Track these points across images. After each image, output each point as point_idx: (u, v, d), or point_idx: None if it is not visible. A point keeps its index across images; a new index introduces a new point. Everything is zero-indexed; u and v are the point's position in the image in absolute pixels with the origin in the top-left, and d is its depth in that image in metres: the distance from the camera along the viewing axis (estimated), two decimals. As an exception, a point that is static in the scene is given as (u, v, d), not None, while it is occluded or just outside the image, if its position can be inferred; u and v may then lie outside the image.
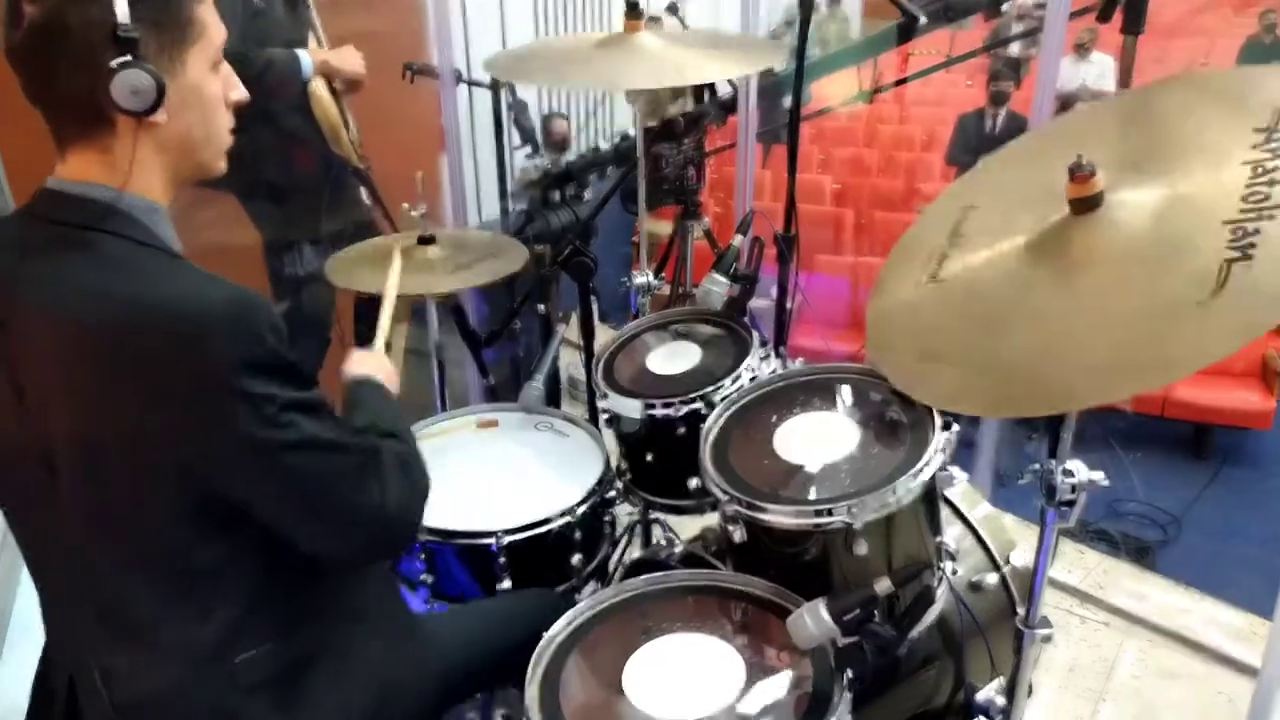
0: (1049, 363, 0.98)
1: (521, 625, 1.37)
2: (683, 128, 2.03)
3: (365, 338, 3.15)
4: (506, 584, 1.57)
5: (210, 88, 1.06)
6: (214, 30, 1.06)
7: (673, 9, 3.21)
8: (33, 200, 1.04)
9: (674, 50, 1.71)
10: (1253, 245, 0.90)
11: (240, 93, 1.11)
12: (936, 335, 1.12)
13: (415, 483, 1.15)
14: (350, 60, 2.56)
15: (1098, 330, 0.96)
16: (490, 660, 1.40)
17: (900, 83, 7.05)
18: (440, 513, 1.58)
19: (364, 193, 2.77)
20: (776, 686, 1.15)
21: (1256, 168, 0.97)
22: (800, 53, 1.99)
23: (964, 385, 1.05)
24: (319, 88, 2.49)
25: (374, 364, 1.36)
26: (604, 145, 4.21)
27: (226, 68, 1.09)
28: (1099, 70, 6.56)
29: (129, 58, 0.95)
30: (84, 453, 1.00)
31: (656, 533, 2.03)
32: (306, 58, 2.46)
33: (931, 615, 1.34)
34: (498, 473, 1.74)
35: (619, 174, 2.74)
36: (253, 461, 0.99)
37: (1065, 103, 5.51)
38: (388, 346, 1.53)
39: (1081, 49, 6.55)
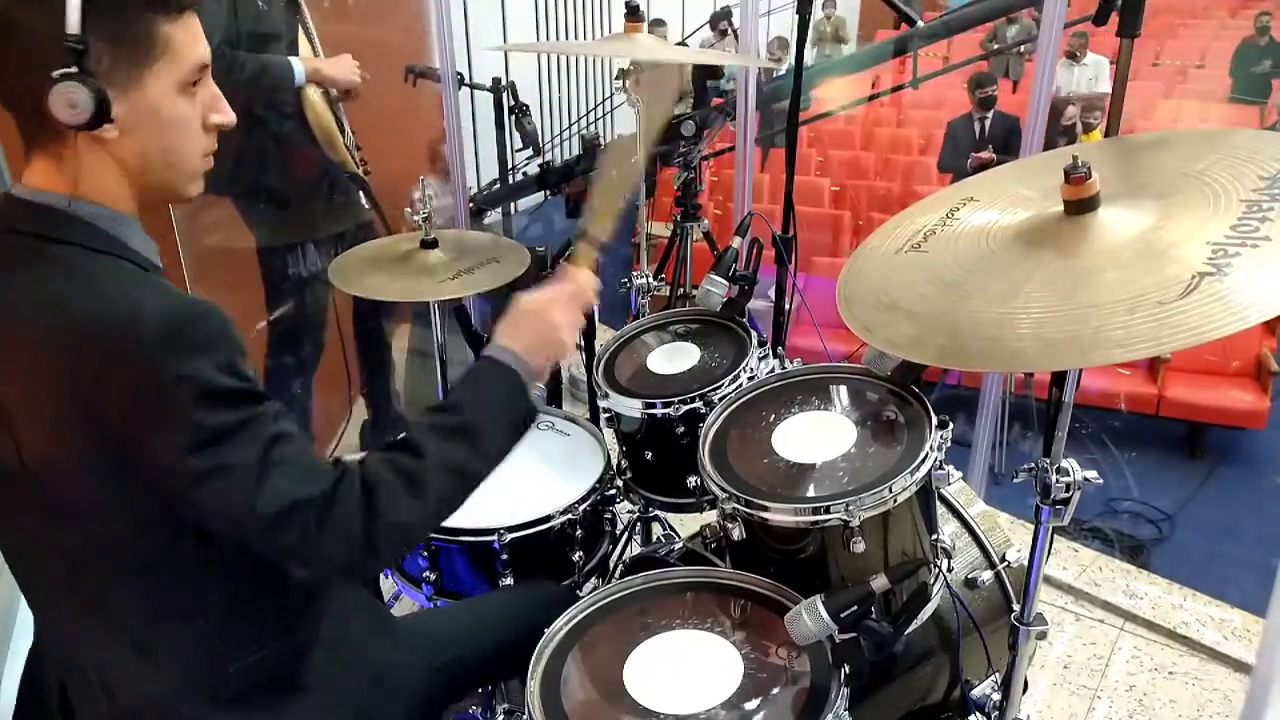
0: (1002, 328, 1.02)
1: (523, 619, 1.38)
2: (694, 130, 2.05)
3: (365, 340, 3.17)
4: (509, 581, 1.59)
5: (172, 109, 1.00)
6: (185, 51, 0.99)
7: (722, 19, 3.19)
8: None
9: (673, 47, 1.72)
10: (1229, 265, 0.93)
11: (224, 117, 1.06)
12: (903, 291, 1.15)
13: (379, 527, 1.00)
14: (344, 69, 2.56)
15: (1057, 310, 1.00)
16: (491, 654, 1.41)
17: (933, 76, 7.14)
18: (443, 511, 1.59)
19: (362, 197, 2.78)
20: (774, 682, 1.17)
21: (1253, 206, 1.00)
22: (799, 55, 2.01)
23: (917, 336, 1.08)
24: (313, 94, 2.50)
25: (532, 325, 1.16)
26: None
27: (211, 91, 1.04)
28: (1092, 72, 6.60)
29: (74, 69, 0.90)
30: (46, 465, 0.98)
31: (656, 530, 2.05)
32: (299, 65, 2.47)
33: (928, 612, 1.35)
34: (500, 471, 1.75)
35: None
36: (183, 481, 0.94)
37: (1056, 106, 5.56)
38: (594, 250, 1.25)
39: (1072, 55, 6.60)
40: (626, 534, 1.92)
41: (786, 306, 2.12)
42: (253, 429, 0.95)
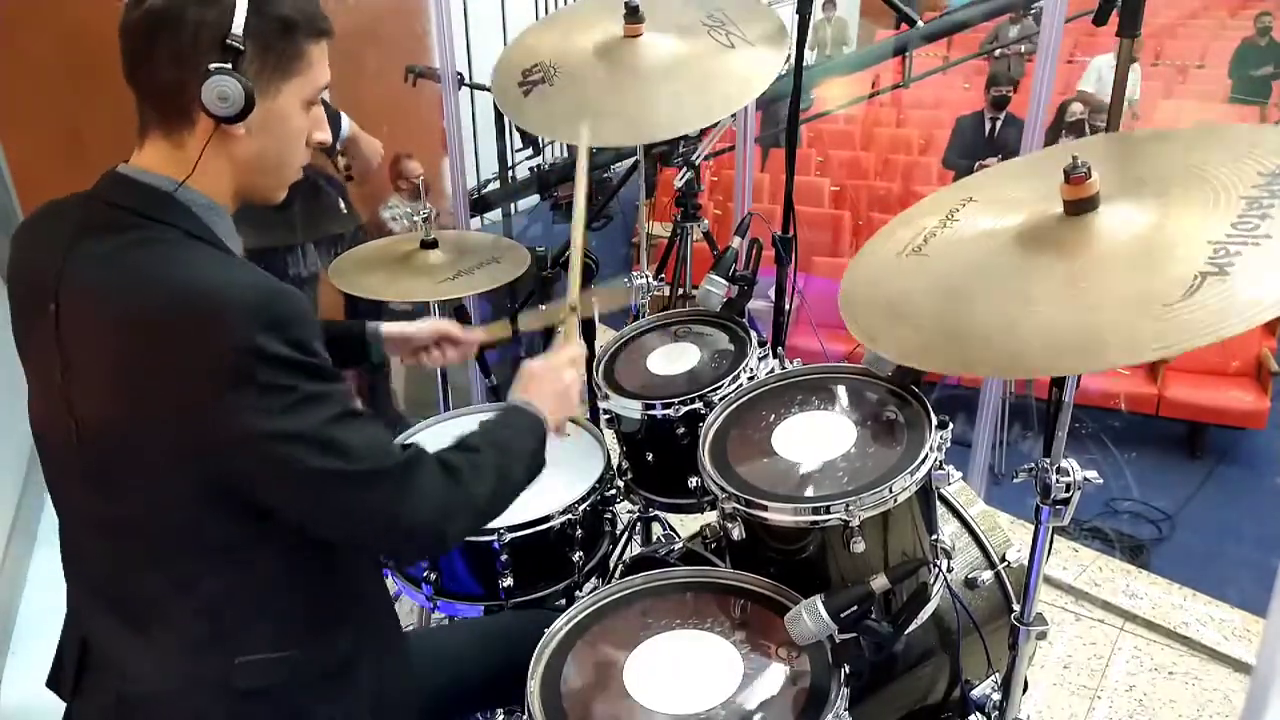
0: (1006, 333, 1.02)
1: (519, 646, 1.34)
2: (698, 131, 2.06)
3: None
4: (509, 581, 1.59)
5: (296, 121, 1.09)
6: (319, 72, 1.09)
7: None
8: (99, 183, 1.07)
9: (684, 64, 1.70)
10: (1230, 264, 0.93)
11: (324, 135, 1.14)
12: (906, 297, 1.15)
13: (457, 497, 1.10)
14: (373, 151, 2.64)
15: (1061, 314, 1.00)
16: (484, 680, 1.40)
17: (925, 75, 7.13)
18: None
19: (341, 203, 2.79)
20: (774, 682, 1.16)
21: (1253, 203, 1.00)
22: (799, 56, 2.01)
23: (923, 343, 1.09)
24: None
25: (543, 385, 1.29)
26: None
27: (319, 110, 1.12)
28: (1136, 77, 6.57)
29: (229, 66, 0.98)
30: (111, 432, 1.01)
31: (656, 530, 2.05)
32: (347, 122, 2.53)
33: (928, 612, 1.35)
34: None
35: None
36: (261, 451, 0.98)
37: (1064, 104, 5.54)
38: (580, 329, 1.42)
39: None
40: (626, 534, 1.92)
41: (786, 306, 2.11)
42: (332, 400, 1.01)
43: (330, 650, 1.15)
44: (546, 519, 1.59)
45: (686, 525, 1.90)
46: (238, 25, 0.99)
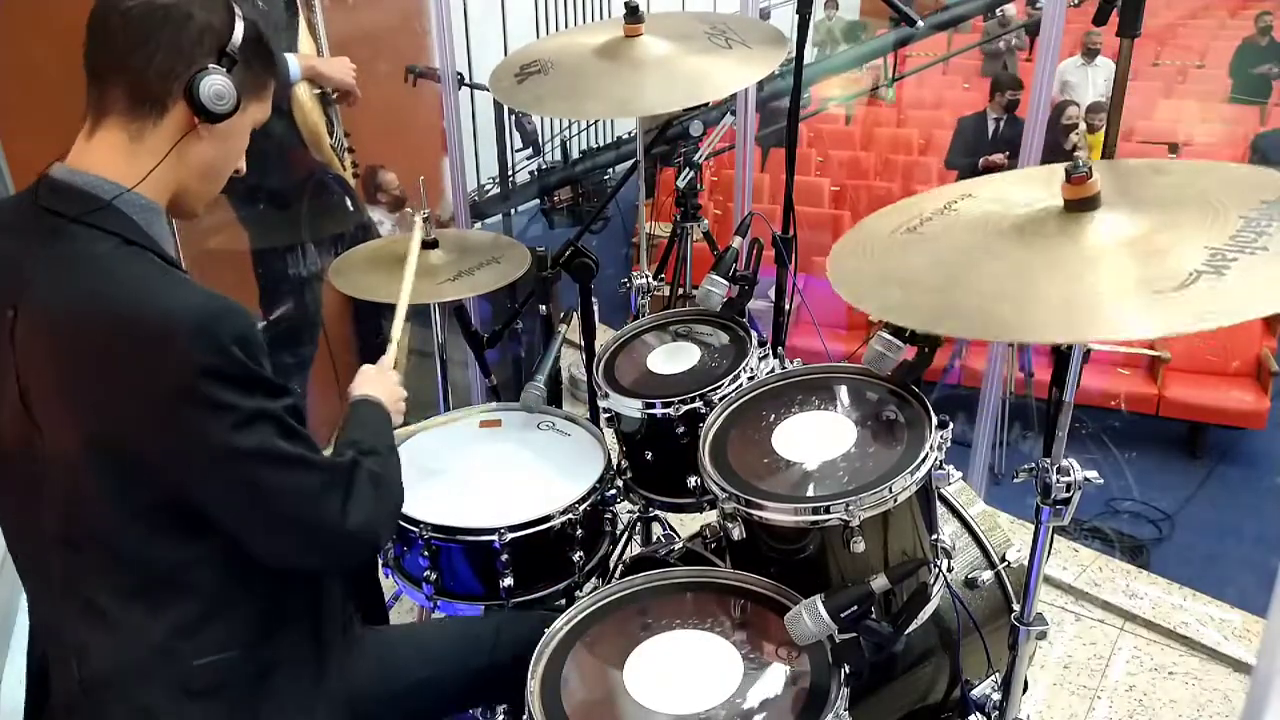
0: (994, 300, 1.02)
1: (503, 647, 1.37)
2: (701, 130, 2.06)
3: (365, 338, 3.18)
4: (509, 581, 1.59)
5: (241, 141, 1.15)
6: (268, 103, 1.17)
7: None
8: (36, 186, 1.06)
9: (680, 56, 1.71)
10: (1227, 267, 0.93)
11: (242, 165, 1.19)
12: (898, 265, 1.15)
13: (385, 502, 1.17)
14: (340, 69, 2.54)
15: (1050, 286, 1.01)
16: (474, 678, 1.39)
17: (909, 74, 7.12)
18: (443, 510, 1.60)
19: (348, 201, 2.78)
20: (774, 682, 1.17)
21: (1252, 221, 1.00)
22: (799, 55, 2.01)
23: (908, 302, 1.09)
24: (302, 93, 2.49)
25: (379, 385, 1.40)
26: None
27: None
28: (1105, 74, 6.45)
29: (224, 69, 1.05)
30: (65, 449, 1.02)
31: (656, 530, 2.05)
32: (294, 62, 2.46)
33: (928, 612, 1.35)
34: (500, 471, 1.76)
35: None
36: (210, 467, 1.01)
37: (1058, 107, 5.54)
38: (397, 360, 1.56)
39: (1088, 53, 6.50)
40: (626, 534, 1.92)
41: (786, 306, 2.11)
42: (278, 416, 1.04)
43: (275, 649, 1.16)
44: (547, 519, 1.59)
45: (686, 525, 1.90)
46: (236, 38, 1.06)
